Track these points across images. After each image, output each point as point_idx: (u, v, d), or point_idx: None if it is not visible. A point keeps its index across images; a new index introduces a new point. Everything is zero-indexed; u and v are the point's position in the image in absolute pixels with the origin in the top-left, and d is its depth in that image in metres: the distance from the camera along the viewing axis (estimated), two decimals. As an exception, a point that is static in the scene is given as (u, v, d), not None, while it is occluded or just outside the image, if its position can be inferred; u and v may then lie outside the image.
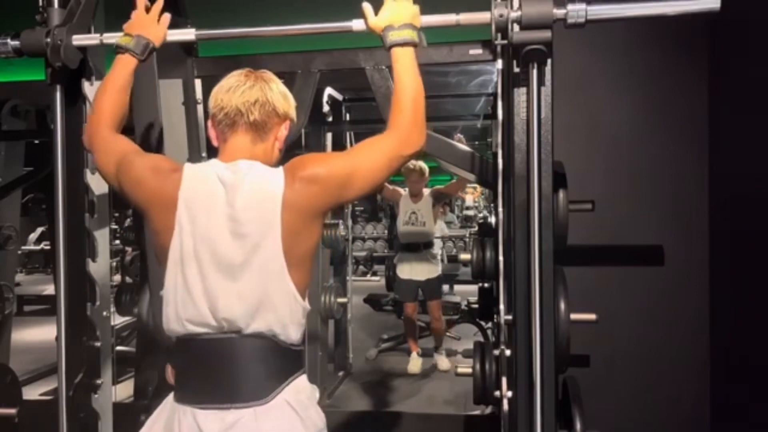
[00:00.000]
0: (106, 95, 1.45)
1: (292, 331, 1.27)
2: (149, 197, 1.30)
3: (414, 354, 4.72)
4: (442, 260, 5.12)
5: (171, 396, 1.32)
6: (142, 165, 1.32)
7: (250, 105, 1.30)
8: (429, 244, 4.60)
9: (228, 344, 1.25)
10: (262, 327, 1.24)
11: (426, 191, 4.50)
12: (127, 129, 1.49)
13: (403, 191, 4.56)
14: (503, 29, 1.45)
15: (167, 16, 1.54)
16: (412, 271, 4.56)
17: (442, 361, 4.69)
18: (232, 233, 1.23)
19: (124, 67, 1.47)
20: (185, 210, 1.25)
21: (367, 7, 1.40)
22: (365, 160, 1.29)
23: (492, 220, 1.89)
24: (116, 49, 1.49)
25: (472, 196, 11.40)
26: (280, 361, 1.27)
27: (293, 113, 1.41)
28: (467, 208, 11.61)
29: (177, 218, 1.25)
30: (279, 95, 1.35)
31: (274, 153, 1.37)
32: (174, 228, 1.26)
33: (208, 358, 1.26)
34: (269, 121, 1.33)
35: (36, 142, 3.97)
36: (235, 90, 1.31)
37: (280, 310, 1.25)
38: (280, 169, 1.28)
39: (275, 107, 1.33)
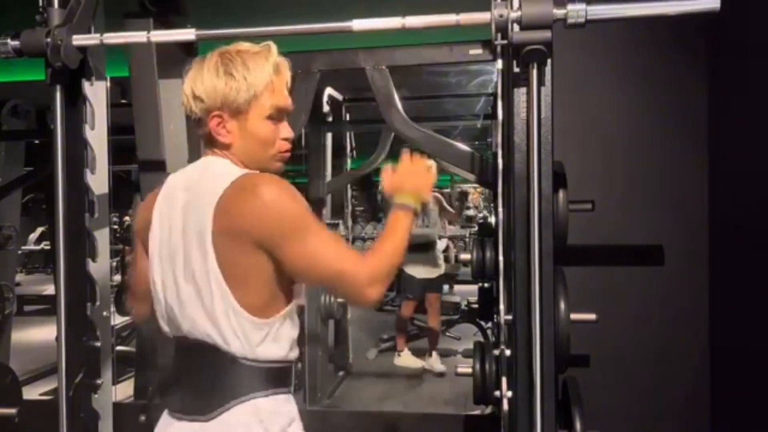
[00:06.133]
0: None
1: (236, 344, 1.11)
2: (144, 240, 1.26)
3: (405, 350, 4.85)
4: (448, 261, 5.52)
5: None
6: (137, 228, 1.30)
7: (186, 98, 1.18)
8: (434, 244, 4.99)
9: (182, 349, 1.19)
10: (202, 335, 1.13)
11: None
12: (127, 129, 1.49)
13: None
14: (503, 29, 1.45)
15: None
16: (422, 269, 4.79)
17: (437, 363, 4.71)
18: (181, 233, 1.16)
19: None
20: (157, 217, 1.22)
21: (386, 169, 1.41)
22: (320, 249, 1.11)
23: (492, 220, 1.89)
24: None
25: (474, 195, 11.41)
26: (231, 376, 1.12)
27: (226, 101, 1.14)
28: (467, 208, 11.64)
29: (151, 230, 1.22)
30: (213, 80, 1.14)
31: (230, 144, 1.18)
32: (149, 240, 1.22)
33: (177, 361, 1.22)
34: (202, 119, 1.18)
35: (36, 142, 3.96)
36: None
37: (220, 322, 1.11)
38: (235, 174, 1.13)
39: (192, 104, 1.16)
